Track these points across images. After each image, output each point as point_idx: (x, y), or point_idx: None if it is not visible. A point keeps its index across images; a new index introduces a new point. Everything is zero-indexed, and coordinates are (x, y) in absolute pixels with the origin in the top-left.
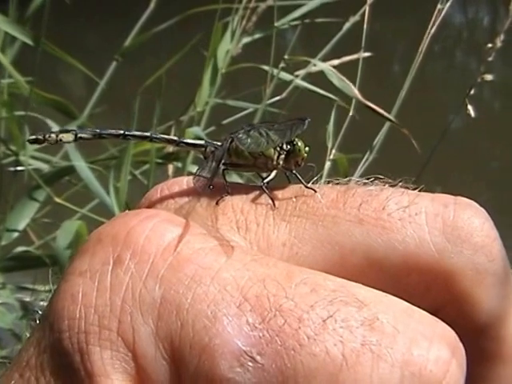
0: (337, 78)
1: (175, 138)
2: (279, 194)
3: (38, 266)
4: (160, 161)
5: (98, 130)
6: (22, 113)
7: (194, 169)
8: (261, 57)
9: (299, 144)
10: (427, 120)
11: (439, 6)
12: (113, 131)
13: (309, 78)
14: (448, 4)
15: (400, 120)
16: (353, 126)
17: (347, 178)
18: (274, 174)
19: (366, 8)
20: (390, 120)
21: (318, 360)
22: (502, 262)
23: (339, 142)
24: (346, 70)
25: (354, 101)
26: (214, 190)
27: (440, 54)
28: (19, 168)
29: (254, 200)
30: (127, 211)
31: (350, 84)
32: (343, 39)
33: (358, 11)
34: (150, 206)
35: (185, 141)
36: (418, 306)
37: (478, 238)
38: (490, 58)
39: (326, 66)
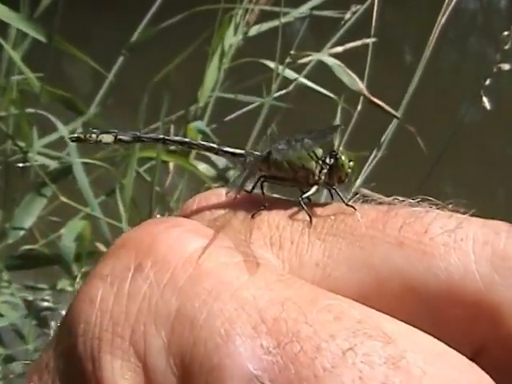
0: (344, 73)
1: (215, 146)
2: (318, 210)
3: (44, 265)
4: (164, 158)
5: (137, 134)
6: (31, 110)
7: (197, 165)
8: (267, 48)
9: (343, 158)
10: (440, 113)
11: None
12: (152, 135)
13: (316, 69)
14: None
15: (410, 113)
16: (360, 121)
17: (391, 197)
18: (314, 189)
19: None
20: (396, 117)
21: None
22: None
23: (346, 139)
24: (356, 60)
25: (361, 96)
26: (251, 202)
27: (454, 41)
28: (27, 164)
29: (291, 216)
30: (156, 218)
31: (357, 79)
32: (352, 30)
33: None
34: (186, 216)
35: (224, 149)
36: (458, 344)
37: None
38: (507, 47)
39: (333, 61)
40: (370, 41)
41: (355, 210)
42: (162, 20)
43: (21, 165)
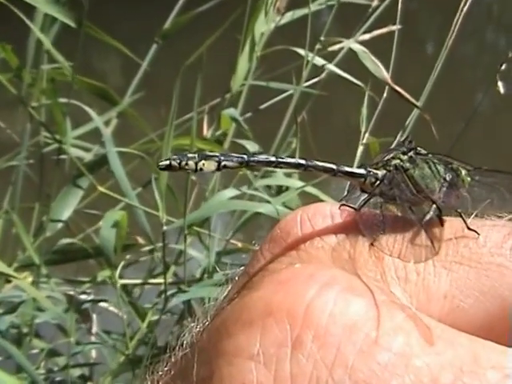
0: (370, 61)
1: (333, 167)
2: (437, 231)
3: (83, 258)
4: (199, 145)
5: (245, 157)
6: (64, 100)
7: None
8: (295, 37)
9: (463, 173)
10: (458, 100)
11: None
12: (263, 157)
13: (344, 57)
14: None
15: (430, 102)
16: (385, 108)
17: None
18: (433, 209)
19: None
20: (416, 106)
21: None
22: None
23: (371, 126)
24: (382, 48)
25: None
26: (365, 225)
27: (471, 32)
28: (62, 156)
29: (411, 241)
30: (294, 266)
31: (382, 68)
32: (379, 19)
33: None
34: (291, 243)
35: (343, 169)
36: None
37: None
38: None
39: (360, 48)
40: (395, 28)
41: (478, 235)
42: (192, 8)
43: (55, 157)
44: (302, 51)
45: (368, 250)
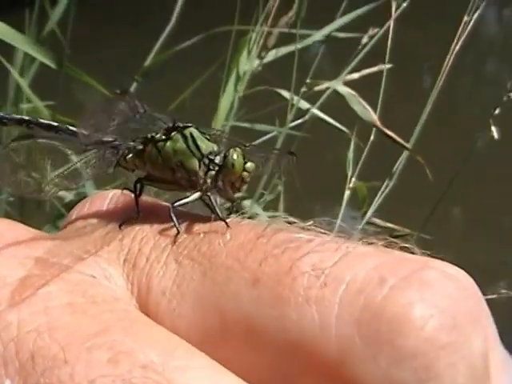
0: (357, 103)
1: (55, 125)
2: (196, 224)
3: None
4: None
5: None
6: (43, 140)
7: None
8: (284, 71)
9: (234, 157)
10: (452, 140)
11: (466, 18)
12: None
13: (332, 95)
14: (475, 16)
15: (423, 142)
16: (374, 149)
17: (310, 221)
18: (195, 196)
19: (391, 23)
20: (407, 149)
21: None
22: None
23: (361, 169)
24: (372, 84)
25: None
26: (133, 210)
27: (471, 65)
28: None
29: (164, 228)
30: None
31: (371, 110)
32: (370, 54)
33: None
34: (70, 222)
35: (65, 128)
36: None
37: (411, 340)
38: None
39: (347, 91)
40: (384, 67)
41: (228, 227)
42: (176, 43)
43: (35, 195)
44: (286, 94)
45: (116, 232)
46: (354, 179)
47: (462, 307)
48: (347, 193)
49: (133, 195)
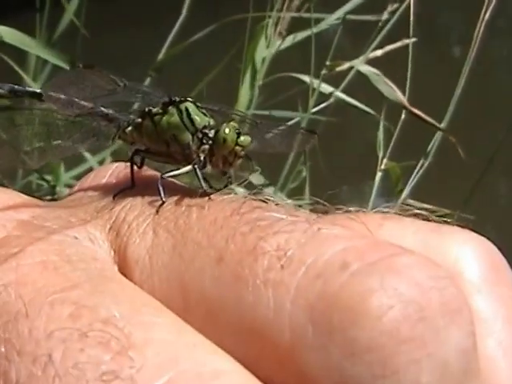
0: (383, 83)
1: (39, 92)
2: (186, 197)
3: None
4: None
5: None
6: (57, 142)
7: None
8: (301, 57)
9: (226, 131)
10: (490, 112)
11: None
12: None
13: (356, 76)
14: None
15: (458, 116)
16: (405, 128)
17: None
18: (186, 168)
19: None
20: (439, 129)
21: None
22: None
23: (391, 149)
24: (398, 62)
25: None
26: (117, 178)
27: (505, 30)
28: (54, 198)
29: (154, 199)
30: None
31: (397, 89)
32: (391, 31)
33: None
34: (72, 193)
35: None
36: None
37: (366, 331)
38: None
39: (371, 70)
40: (410, 42)
41: (209, 199)
42: (189, 35)
43: (48, 198)
44: (306, 78)
45: (110, 202)
46: (385, 160)
47: (435, 298)
48: (379, 174)
49: (136, 168)
